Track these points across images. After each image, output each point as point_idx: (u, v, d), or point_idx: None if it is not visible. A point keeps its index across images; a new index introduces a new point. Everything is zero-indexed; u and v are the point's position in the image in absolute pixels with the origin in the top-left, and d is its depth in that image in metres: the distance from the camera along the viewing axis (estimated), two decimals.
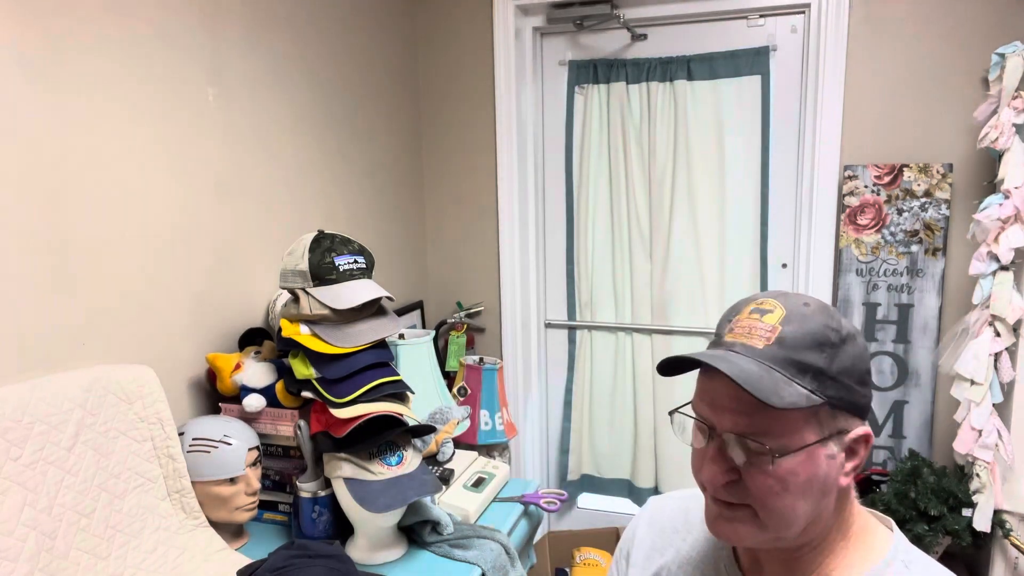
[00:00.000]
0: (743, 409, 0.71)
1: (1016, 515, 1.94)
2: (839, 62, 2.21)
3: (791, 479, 0.70)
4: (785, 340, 0.71)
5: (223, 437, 1.41)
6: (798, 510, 0.72)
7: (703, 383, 0.76)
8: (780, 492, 0.71)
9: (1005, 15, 2.07)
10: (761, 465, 0.71)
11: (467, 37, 2.56)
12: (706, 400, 0.74)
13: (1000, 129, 1.89)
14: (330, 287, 1.43)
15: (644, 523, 0.96)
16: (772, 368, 0.70)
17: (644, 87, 2.48)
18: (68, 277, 1.33)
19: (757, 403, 0.69)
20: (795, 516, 0.72)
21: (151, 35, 1.49)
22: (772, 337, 0.71)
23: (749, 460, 0.71)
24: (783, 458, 0.70)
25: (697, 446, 0.77)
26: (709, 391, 0.74)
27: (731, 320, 0.76)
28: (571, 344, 2.74)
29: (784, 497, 0.71)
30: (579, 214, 2.64)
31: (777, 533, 0.73)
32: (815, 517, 0.74)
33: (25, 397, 1.17)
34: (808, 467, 0.71)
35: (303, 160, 2.00)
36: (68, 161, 1.32)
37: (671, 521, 0.94)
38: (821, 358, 0.71)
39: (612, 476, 2.74)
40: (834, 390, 0.71)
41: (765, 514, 0.72)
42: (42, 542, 1.14)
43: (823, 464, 0.72)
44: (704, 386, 0.75)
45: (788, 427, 0.70)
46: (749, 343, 0.72)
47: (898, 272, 2.23)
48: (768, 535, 0.74)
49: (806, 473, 0.71)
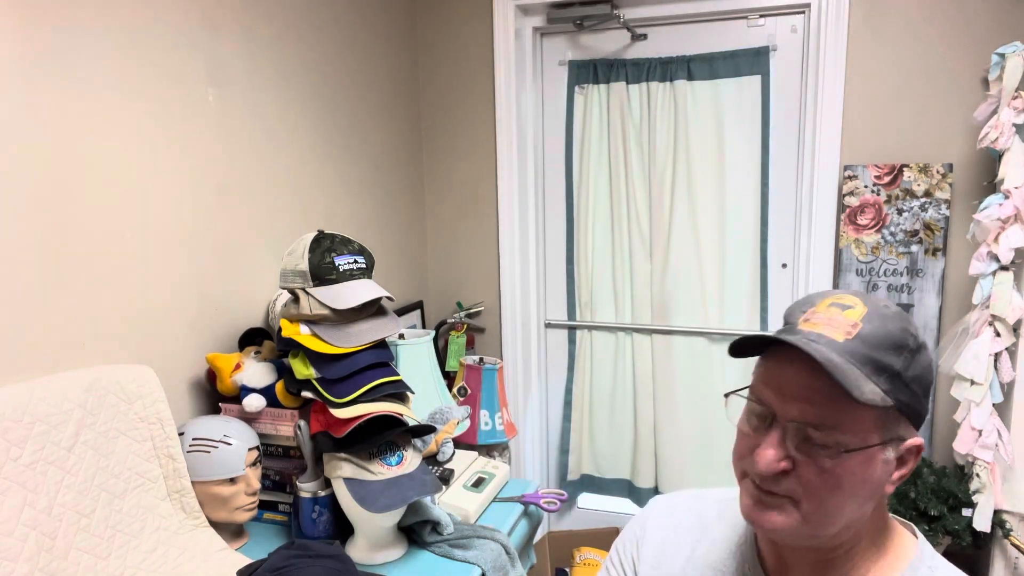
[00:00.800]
0: (816, 399, 0.69)
1: (1016, 515, 1.94)
2: (839, 62, 2.21)
3: (847, 477, 0.69)
4: (866, 337, 0.70)
5: (223, 437, 1.41)
6: (844, 510, 0.71)
7: (771, 367, 0.73)
8: (833, 489, 0.69)
9: (1005, 15, 2.07)
10: (820, 459, 0.69)
11: (467, 37, 2.56)
12: (772, 385, 0.72)
13: (1000, 129, 1.89)
14: (330, 287, 1.43)
15: (654, 520, 0.94)
16: (851, 362, 0.69)
17: (644, 87, 2.48)
18: (68, 277, 1.33)
19: (831, 395, 0.68)
20: (840, 515, 0.71)
21: (151, 35, 1.49)
22: (853, 332, 0.70)
23: (807, 452, 0.70)
24: (845, 455, 0.69)
25: (748, 431, 0.75)
26: (778, 376, 0.72)
27: (805, 311, 0.74)
28: (571, 344, 2.74)
29: (835, 495, 0.70)
30: (579, 214, 2.64)
31: (816, 530, 0.72)
32: (853, 520, 0.73)
33: (25, 397, 1.17)
34: (865, 468, 0.70)
35: (303, 160, 2.00)
36: (68, 161, 1.32)
37: (684, 521, 0.92)
38: (898, 361, 0.70)
39: (612, 476, 2.74)
40: (905, 395, 0.70)
41: (811, 508, 0.71)
42: (42, 542, 1.14)
43: (878, 468, 0.71)
44: (772, 371, 0.73)
45: (856, 425, 0.69)
46: (829, 335, 0.70)
47: (898, 272, 2.23)
48: (806, 530, 0.72)
49: (862, 474, 0.70)
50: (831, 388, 0.68)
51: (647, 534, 0.93)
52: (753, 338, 0.73)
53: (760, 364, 0.76)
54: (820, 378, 0.68)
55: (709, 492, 0.95)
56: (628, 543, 0.95)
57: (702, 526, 0.90)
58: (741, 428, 0.77)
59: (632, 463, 2.70)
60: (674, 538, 0.90)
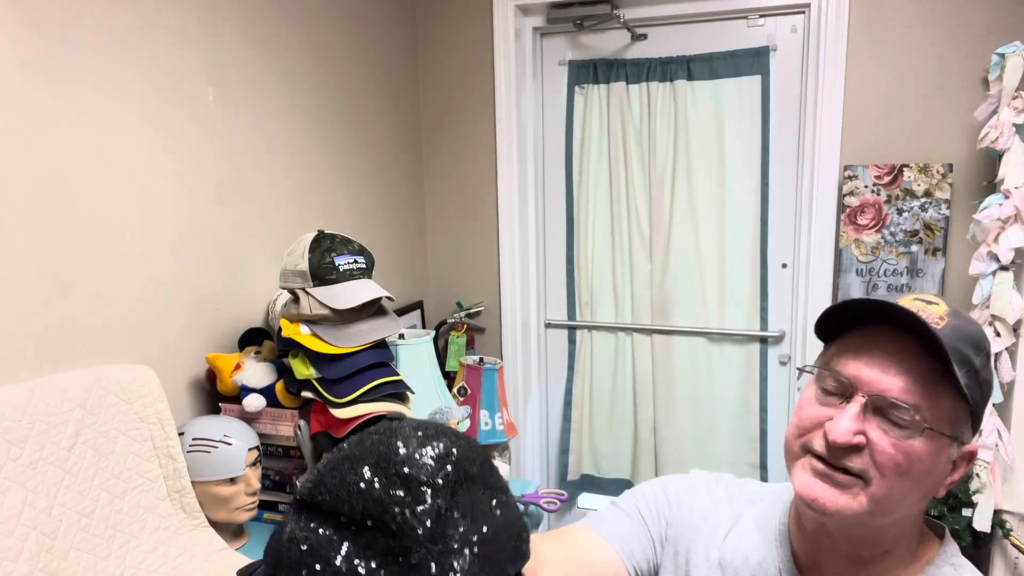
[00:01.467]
0: (907, 375, 0.69)
1: (1016, 515, 1.94)
2: (839, 62, 2.21)
3: (917, 463, 0.69)
4: (954, 329, 0.70)
5: (223, 437, 1.41)
6: (907, 498, 0.71)
7: (859, 342, 0.73)
8: (903, 471, 0.69)
9: (1005, 15, 2.07)
10: (896, 436, 0.69)
11: (467, 37, 2.56)
12: (862, 359, 0.72)
13: (1000, 129, 1.89)
14: (330, 287, 1.43)
15: (703, 489, 0.91)
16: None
17: (644, 87, 2.48)
18: (68, 277, 1.33)
19: (920, 373, 0.68)
20: (901, 503, 0.71)
21: (151, 35, 1.49)
22: (941, 324, 0.70)
23: (885, 429, 0.69)
24: (927, 432, 0.68)
25: (817, 406, 0.74)
26: (868, 350, 0.72)
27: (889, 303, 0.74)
28: (571, 344, 2.74)
29: (903, 479, 0.69)
30: (579, 214, 2.64)
31: (873, 516, 0.71)
32: (905, 517, 0.73)
33: (25, 397, 1.17)
34: (934, 457, 0.70)
35: (303, 160, 2.00)
36: (67, 161, 1.32)
37: (723, 504, 0.89)
38: (977, 360, 0.70)
39: (612, 476, 2.74)
40: (978, 394, 0.70)
41: (877, 489, 0.70)
42: (42, 542, 1.14)
43: (942, 462, 0.71)
44: (861, 345, 0.73)
45: (937, 410, 0.69)
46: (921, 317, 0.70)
47: (898, 272, 2.23)
48: (863, 513, 0.71)
49: (930, 463, 0.70)
50: (922, 367, 0.68)
51: (696, 500, 0.89)
52: (857, 304, 0.72)
53: (840, 341, 0.75)
54: (913, 356, 0.69)
55: (745, 481, 0.93)
56: (661, 497, 0.91)
57: (736, 513, 0.88)
58: (804, 404, 0.76)
59: (632, 463, 2.70)
60: (713, 516, 0.88)
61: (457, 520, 0.48)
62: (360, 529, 0.47)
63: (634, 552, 0.86)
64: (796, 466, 0.75)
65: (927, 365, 0.69)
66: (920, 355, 0.69)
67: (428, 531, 0.47)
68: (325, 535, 0.48)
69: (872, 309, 0.72)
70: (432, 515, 0.47)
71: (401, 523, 0.46)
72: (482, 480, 0.52)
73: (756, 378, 2.51)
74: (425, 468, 0.49)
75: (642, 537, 0.88)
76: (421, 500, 0.47)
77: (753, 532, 0.85)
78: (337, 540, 0.47)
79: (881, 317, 0.72)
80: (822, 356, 0.78)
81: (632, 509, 0.91)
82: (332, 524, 0.48)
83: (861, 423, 0.70)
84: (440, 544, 0.47)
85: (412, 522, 0.47)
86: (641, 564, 0.87)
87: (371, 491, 0.48)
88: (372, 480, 0.48)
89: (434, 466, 0.49)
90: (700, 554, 0.86)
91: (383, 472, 0.48)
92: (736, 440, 2.55)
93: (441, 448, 0.50)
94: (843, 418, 0.70)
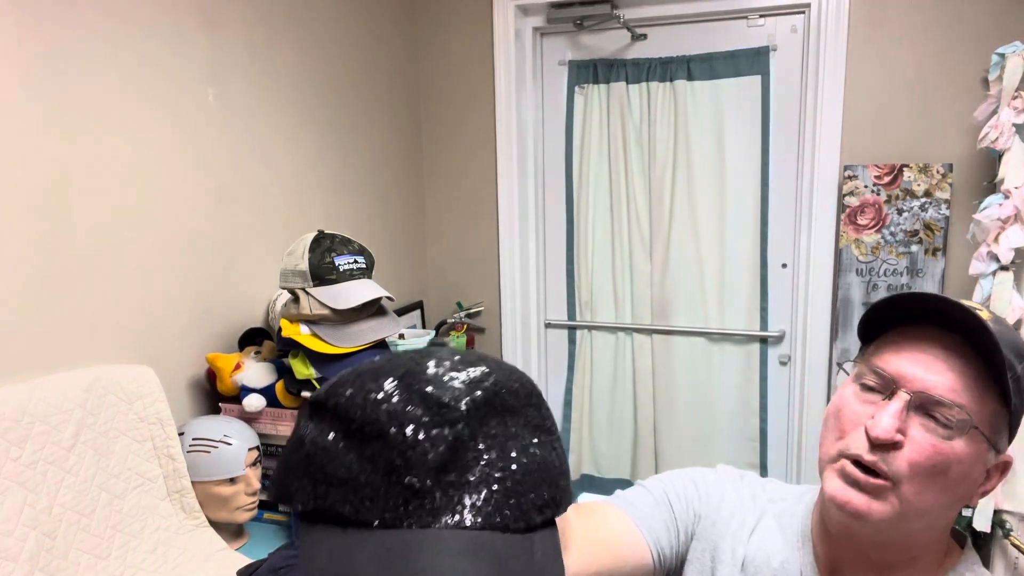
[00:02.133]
0: (956, 373, 0.67)
1: (1016, 515, 1.94)
2: (839, 62, 2.21)
3: (955, 465, 0.67)
4: (999, 335, 0.67)
5: (223, 437, 1.41)
6: (940, 501, 0.69)
7: (904, 339, 0.71)
8: (939, 472, 0.67)
9: (1005, 15, 2.07)
10: (939, 437, 0.67)
11: (467, 37, 2.56)
12: (906, 353, 0.70)
13: (1000, 129, 1.88)
14: (330, 287, 1.43)
15: (731, 485, 0.89)
16: None
17: (644, 87, 2.48)
18: (68, 277, 1.33)
19: (966, 373, 0.67)
20: (932, 506, 0.69)
21: (151, 36, 1.49)
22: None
23: (927, 428, 0.68)
24: (966, 436, 0.67)
25: (856, 406, 0.72)
26: (914, 347, 0.70)
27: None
28: (571, 344, 2.74)
29: (938, 480, 0.67)
30: (579, 214, 2.64)
31: (905, 519, 0.69)
32: (935, 524, 0.72)
33: (25, 397, 1.17)
34: (972, 462, 0.68)
35: (303, 160, 2.00)
36: (67, 161, 1.32)
37: (748, 502, 0.88)
38: (1019, 366, 0.69)
39: (612, 476, 2.73)
40: (1019, 401, 0.69)
41: (910, 492, 0.68)
42: (42, 542, 1.14)
43: (979, 468, 0.69)
44: (905, 343, 0.71)
45: (983, 413, 0.67)
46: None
47: (898, 272, 2.23)
48: (894, 516, 0.69)
49: (968, 465, 0.68)
50: (969, 367, 0.67)
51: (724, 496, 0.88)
52: (906, 298, 0.70)
53: (882, 339, 0.73)
54: (959, 355, 0.67)
55: (768, 481, 0.92)
56: (691, 489, 0.89)
57: (759, 511, 0.87)
58: (842, 405, 0.74)
59: (632, 463, 2.70)
60: (740, 513, 0.87)
61: (480, 452, 0.44)
62: (366, 440, 0.44)
63: (660, 539, 0.85)
64: (830, 469, 0.74)
65: (974, 365, 0.68)
66: (968, 355, 0.68)
67: (439, 457, 0.43)
68: (331, 441, 0.44)
69: (922, 304, 0.70)
70: (447, 441, 0.43)
71: (411, 443, 0.43)
72: (524, 416, 0.47)
73: (756, 378, 2.51)
74: (451, 391, 0.45)
75: (669, 525, 0.87)
76: (439, 423, 0.44)
77: (775, 532, 0.84)
78: (343, 449, 0.44)
79: (927, 316, 0.71)
80: (861, 353, 0.76)
81: (662, 496, 0.89)
82: (341, 431, 0.45)
83: (903, 421, 0.68)
84: (453, 475, 0.43)
85: (424, 445, 0.43)
86: (666, 551, 0.86)
87: (386, 403, 0.44)
88: (392, 393, 0.44)
89: (462, 390, 0.45)
90: (727, 551, 0.85)
91: (405, 387, 0.45)
92: (736, 440, 2.55)
93: (476, 373, 0.46)
94: (885, 415, 0.68)
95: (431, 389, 0.45)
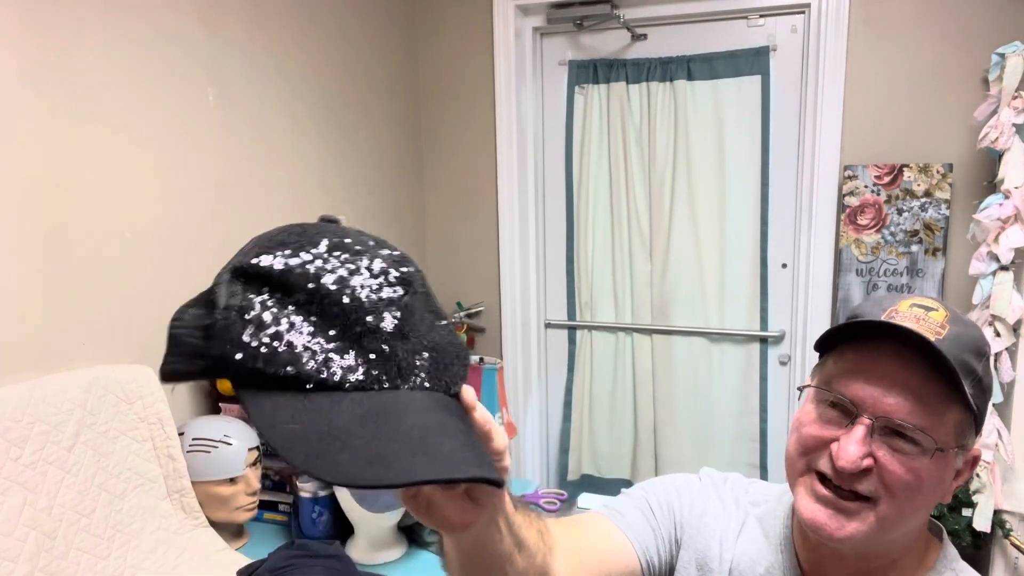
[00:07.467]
0: (912, 394, 0.67)
1: (1016, 515, 1.94)
2: (839, 62, 2.21)
3: (927, 479, 0.67)
4: (955, 339, 0.67)
5: (223, 437, 1.41)
6: (918, 513, 0.70)
7: (861, 359, 0.70)
8: (915, 490, 0.67)
9: (1005, 15, 2.07)
10: (907, 457, 0.67)
11: (467, 37, 2.56)
12: (863, 378, 0.69)
13: (1000, 129, 1.89)
14: None
15: (713, 489, 0.89)
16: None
17: (644, 87, 2.48)
18: (68, 277, 1.33)
19: (926, 391, 0.66)
20: (912, 519, 0.70)
21: (151, 35, 1.49)
22: (943, 333, 0.68)
23: (894, 449, 0.67)
24: (937, 454, 0.67)
25: (819, 425, 0.71)
26: (870, 368, 0.69)
27: (886, 309, 0.71)
28: (571, 344, 2.74)
29: (915, 497, 0.68)
30: (579, 214, 2.63)
31: (886, 533, 0.69)
32: (913, 528, 0.72)
33: (25, 397, 1.17)
34: (942, 471, 0.69)
35: (303, 160, 2.00)
36: (67, 161, 1.32)
37: (730, 505, 0.88)
38: (979, 366, 0.69)
39: (612, 476, 2.73)
40: (981, 401, 0.69)
41: (888, 510, 0.68)
42: (42, 542, 1.14)
43: (949, 473, 0.70)
44: (862, 363, 0.70)
45: (943, 426, 0.67)
46: (922, 332, 0.67)
47: (898, 272, 2.23)
48: (875, 534, 0.69)
49: (939, 476, 0.68)
50: (927, 384, 0.66)
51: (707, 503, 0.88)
52: (857, 325, 0.70)
53: (839, 356, 0.72)
54: (917, 373, 0.67)
55: (751, 482, 0.92)
56: (674, 497, 0.89)
57: (742, 514, 0.87)
58: (806, 422, 0.73)
59: (632, 463, 2.70)
60: (723, 519, 0.87)
61: (417, 322, 0.45)
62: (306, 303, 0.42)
63: (648, 547, 0.85)
64: (799, 484, 0.73)
65: (932, 380, 0.67)
66: (925, 371, 0.67)
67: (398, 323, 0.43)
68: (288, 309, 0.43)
69: (875, 328, 0.70)
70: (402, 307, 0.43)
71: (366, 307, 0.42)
72: (427, 298, 0.48)
73: (756, 378, 2.51)
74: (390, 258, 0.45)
75: (656, 533, 0.87)
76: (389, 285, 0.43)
77: (759, 536, 0.85)
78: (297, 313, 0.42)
79: (883, 331, 0.70)
80: (820, 370, 0.75)
81: (644, 505, 0.89)
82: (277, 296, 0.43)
83: (868, 445, 0.68)
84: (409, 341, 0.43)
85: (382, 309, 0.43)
86: (654, 559, 0.86)
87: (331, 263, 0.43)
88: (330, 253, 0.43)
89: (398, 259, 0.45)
90: (714, 559, 0.85)
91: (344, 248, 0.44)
92: (736, 440, 2.55)
93: (398, 252, 0.47)
94: (850, 443, 0.68)
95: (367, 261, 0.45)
